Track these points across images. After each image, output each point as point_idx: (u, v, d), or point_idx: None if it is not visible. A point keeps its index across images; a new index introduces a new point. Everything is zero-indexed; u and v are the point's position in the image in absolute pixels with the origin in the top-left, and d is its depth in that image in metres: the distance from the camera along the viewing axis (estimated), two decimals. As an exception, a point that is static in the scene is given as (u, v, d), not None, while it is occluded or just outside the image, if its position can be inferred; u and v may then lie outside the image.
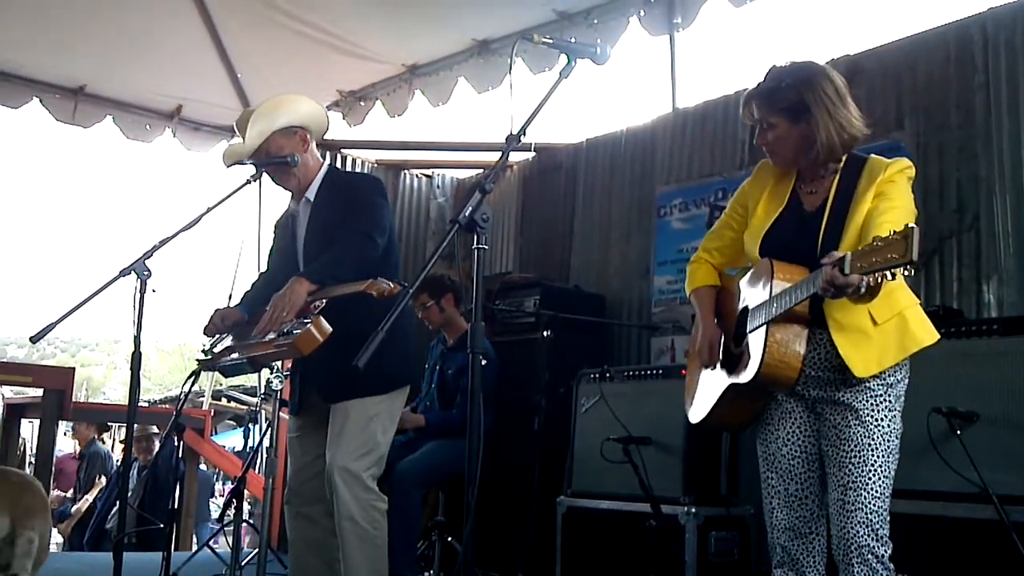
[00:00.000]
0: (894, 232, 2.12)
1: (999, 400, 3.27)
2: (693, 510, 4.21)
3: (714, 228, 3.07)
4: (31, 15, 6.35)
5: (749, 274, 2.82)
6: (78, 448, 9.05)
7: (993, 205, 4.49)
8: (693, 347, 2.97)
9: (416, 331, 4.10)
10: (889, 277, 2.14)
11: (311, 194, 3.76)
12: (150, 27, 6.63)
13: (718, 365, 2.86)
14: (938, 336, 2.65)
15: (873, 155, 2.72)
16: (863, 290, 2.26)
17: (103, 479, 8.32)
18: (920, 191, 4.50)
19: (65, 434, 9.85)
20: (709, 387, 2.90)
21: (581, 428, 4.86)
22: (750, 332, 2.68)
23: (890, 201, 2.53)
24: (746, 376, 2.64)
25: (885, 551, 2.53)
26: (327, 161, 3.91)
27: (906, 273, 2.11)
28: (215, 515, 7.89)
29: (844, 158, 2.73)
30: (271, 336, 3.37)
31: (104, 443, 8.97)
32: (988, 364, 3.35)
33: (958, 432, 3.25)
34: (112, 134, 7.64)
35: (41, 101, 7.25)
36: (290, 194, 3.89)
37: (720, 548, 4.27)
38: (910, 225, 2.10)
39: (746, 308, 2.75)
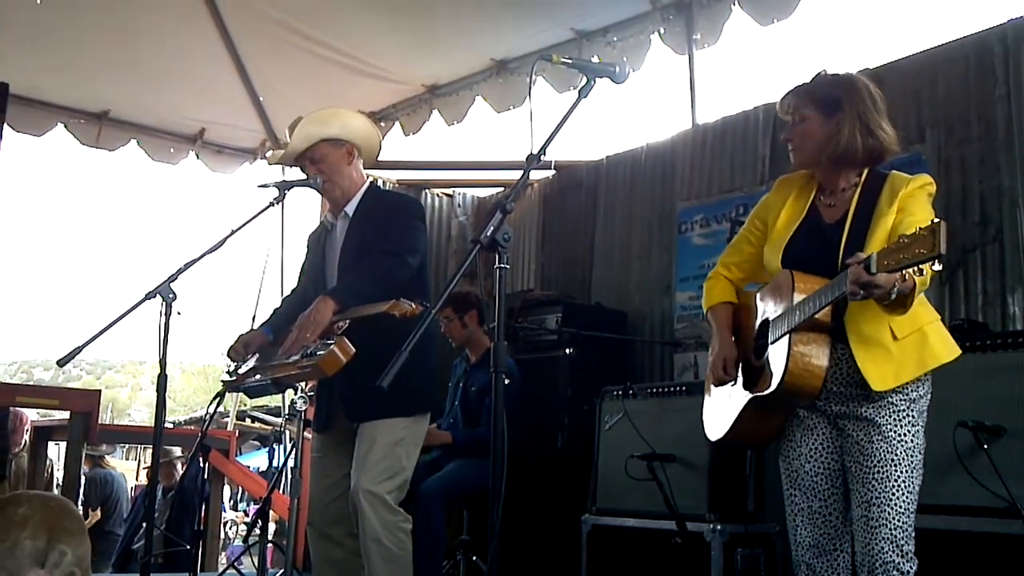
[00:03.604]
0: (920, 228, 2.12)
1: (1026, 413, 3.25)
2: (718, 527, 4.19)
3: (732, 243, 3.07)
4: (55, 41, 6.45)
5: (768, 287, 2.82)
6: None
7: (1016, 217, 4.47)
8: (711, 364, 2.97)
9: (439, 350, 4.11)
10: (918, 273, 2.14)
11: (350, 209, 3.80)
12: (172, 52, 6.73)
13: (738, 381, 2.86)
14: (959, 352, 2.64)
15: (894, 171, 2.72)
16: (894, 295, 2.26)
17: (98, 511, 8.31)
18: (942, 204, 4.49)
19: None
20: (729, 403, 2.88)
21: (605, 445, 4.84)
22: (772, 343, 2.67)
23: (913, 215, 2.53)
24: (769, 387, 2.62)
25: (911, 567, 2.52)
26: (369, 179, 3.94)
27: (936, 267, 2.11)
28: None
29: (865, 173, 2.73)
30: (295, 357, 3.40)
31: (105, 467, 8.98)
32: (1014, 377, 3.32)
33: (985, 446, 3.22)
34: (136, 157, 7.73)
35: (66, 126, 7.34)
36: (327, 207, 3.95)
37: (746, 566, 4.24)
38: (936, 220, 2.10)
39: (766, 320, 2.74)
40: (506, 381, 2.38)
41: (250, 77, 7.19)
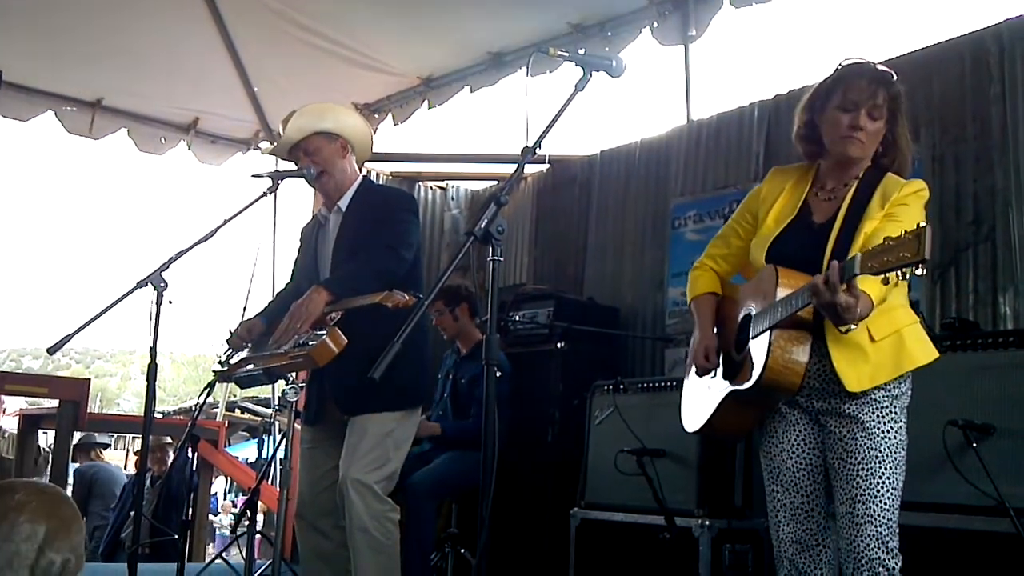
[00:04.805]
0: (906, 232, 2.12)
1: (1015, 412, 3.25)
2: (707, 522, 4.19)
3: (720, 234, 3.05)
4: (51, 29, 6.41)
5: (752, 281, 2.81)
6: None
7: (1009, 217, 4.47)
8: (691, 354, 2.96)
9: (431, 344, 4.11)
10: (900, 277, 2.14)
11: (343, 203, 3.80)
12: (168, 41, 6.69)
13: (717, 373, 2.85)
14: (936, 355, 2.64)
15: (890, 173, 2.71)
16: (855, 325, 2.35)
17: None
18: (936, 203, 4.49)
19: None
20: (708, 396, 2.87)
21: (595, 440, 4.85)
22: (753, 338, 2.66)
23: (898, 223, 2.48)
24: (749, 382, 2.61)
25: (896, 564, 2.52)
26: (363, 173, 3.93)
27: (918, 272, 2.11)
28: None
29: (863, 171, 2.73)
30: (287, 347, 3.39)
31: (96, 459, 8.92)
32: (1004, 376, 3.32)
33: (974, 444, 3.23)
34: (125, 145, 7.69)
35: (56, 114, 7.30)
36: (320, 201, 3.95)
37: (734, 561, 4.25)
38: (922, 224, 2.10)
39: (748, 315, 2.74)
40: (497, 374, 2.38)
41: (245, 67, 7.16)
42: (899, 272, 2.13)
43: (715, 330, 2.92)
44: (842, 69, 2.77)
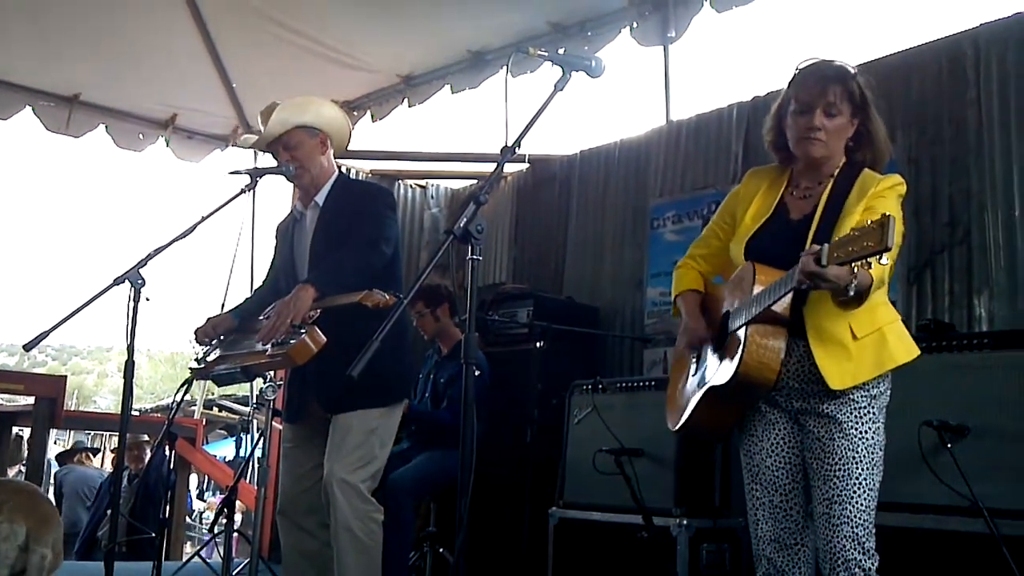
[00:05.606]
0: (871, 221, 2.13)
1: (990, 413, 3.27)
2: (685, 522, 4.20)
3: (701, 236, 3.06)
4: (28, 22, 6.37)
5: (732, 279, 2.81)
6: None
7: (984, 219, 4.51)
8: (680, 345, 2.97)
9: (413, 343, 4.10)
10: (867, 266, 2.16)
11: (320, 198, 3.78)
12: (146, 36, 6.66)
13: (698, 370, 2.86)
14: (917, 353, 2.65)
15: (867, 169, 2.72)
16: (851, 291, 2.29)
17: None
18: (912, 205, 4.52)
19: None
20: (688, 393, 2.89)
21: (573, 439, 4.85)
22: (730, 333, 2.67)
23: (876, 215, 2.53)
24: (724, 377, 2.63)
25: (872, 564, 2.53)
26: (338, 169, 3.92)
27: (883, 262, 2.12)
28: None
29: (840, 166, 2.74)
30: (265, 345, 3.37)
31: (85, 464, 8.86)
32: (979, 377, 3.35)
33: (948, 445, 3.25)
34: (104, 142, 7.63)
35: (34, 110, 7.23)
36: (296, 197, 3.93)
37: (711, 560, 4.27)
38: (886, 213, 2.11)
39: (727, 312, 2.75)
40: (476, 373, 2.38)
41: (224, 63, 7.13)
42: (865, 262, 2.14)
43: (703, 318, 2.93)
44: (796, 73, 2.78)
